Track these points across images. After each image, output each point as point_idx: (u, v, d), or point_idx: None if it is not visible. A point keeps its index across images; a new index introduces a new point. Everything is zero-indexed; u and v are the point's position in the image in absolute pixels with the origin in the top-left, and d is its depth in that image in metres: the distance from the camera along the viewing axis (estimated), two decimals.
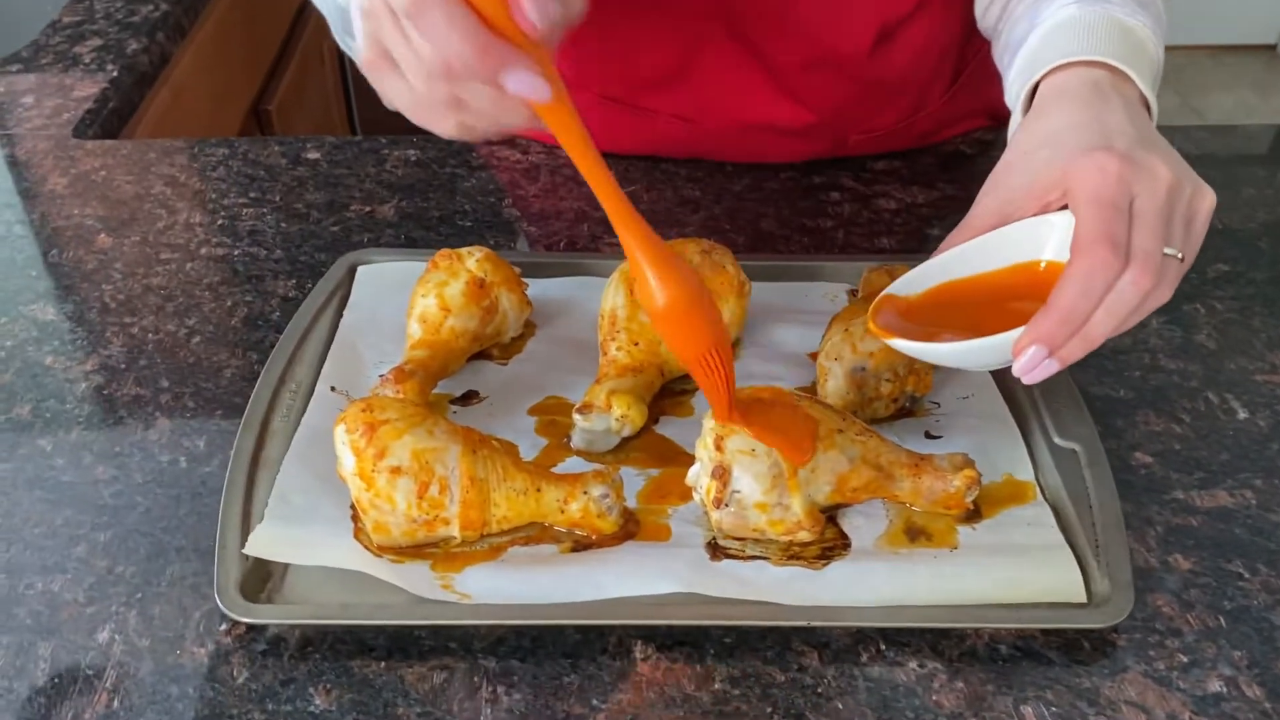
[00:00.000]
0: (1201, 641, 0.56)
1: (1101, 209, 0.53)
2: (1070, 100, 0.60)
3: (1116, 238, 0.53)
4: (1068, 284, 0.53)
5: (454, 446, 0.59)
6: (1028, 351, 0.54)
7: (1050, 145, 0.58)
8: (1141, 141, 0.56)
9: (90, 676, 0.54)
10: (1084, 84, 0.60)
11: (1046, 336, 0.53)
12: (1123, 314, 0.53)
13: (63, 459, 0.66)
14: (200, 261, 0.83)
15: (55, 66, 1.10)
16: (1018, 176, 0.59)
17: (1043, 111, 0.61)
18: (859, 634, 0.56)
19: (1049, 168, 0.57)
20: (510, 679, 0.54)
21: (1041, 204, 0.58)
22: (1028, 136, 0.60)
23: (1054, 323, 0.53)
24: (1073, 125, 0.58)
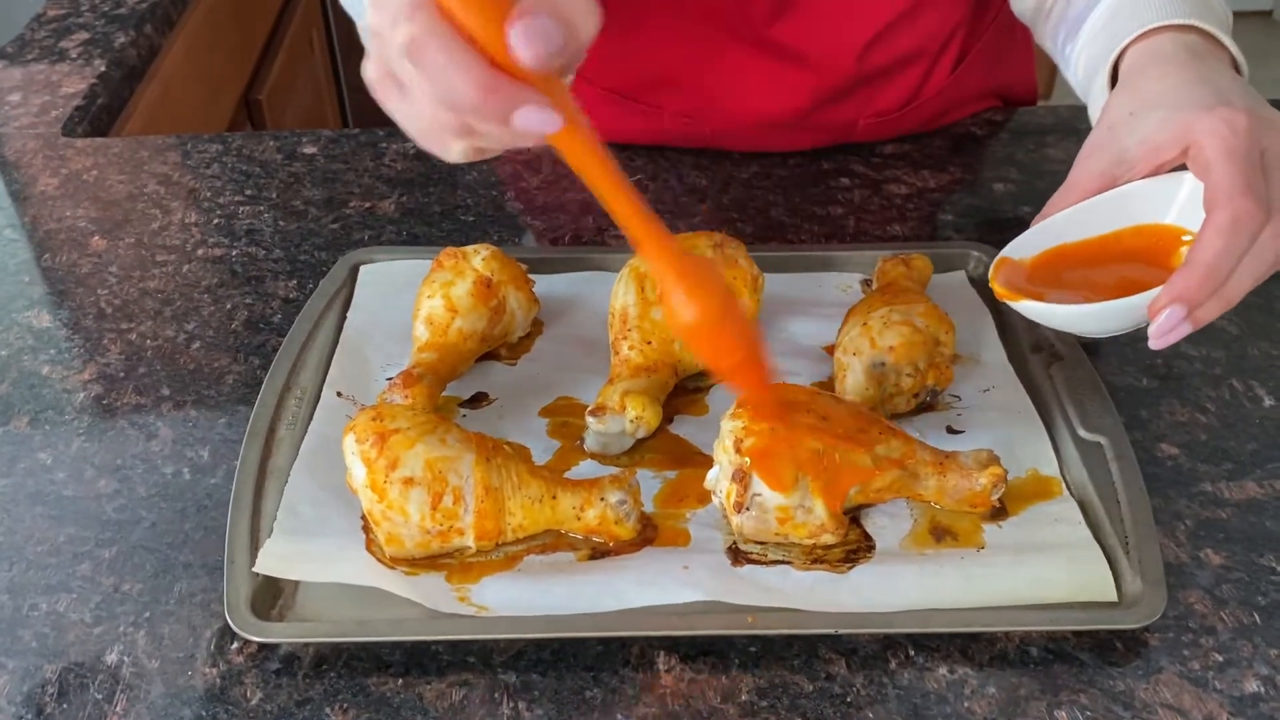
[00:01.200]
0: (1237, 640, 0.55)
1: (1238, 161, 0.51)
2: (1169, 63, 0.58)
3: (1258, 189, 0.51)
4: (1211, 237, 0.51)
5: (467, 455, 0.57)
6: (1165, 311, 0.52)
7: (1161, 106, 0.56)
8: (1256, 100, 0.55)
9: (100, 701, 0.53)
10: (1179, 48, 0.58)
11: (1189, 294, 0.51)
12: (1261, 271, 0.52)
13: (64, 473, 0.64)
14: (197, 263, 0.81)
15: (42, 62, 1.07)
16: (1127, 137, 0.57)
17: (1142, 75, 0.59)
18: (887, 639, 0.55)
19: (1164, 126, 0.55)
20: (531, 694, 0.53)
21: (1156, 164, 0.56)
22: (1130, 99, 0.58)
23: (1198, 279, 0.51)
24: (1181, 85, 0.56)
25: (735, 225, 0.84)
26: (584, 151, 0.46)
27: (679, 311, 0.52)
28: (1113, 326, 0.58)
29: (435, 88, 0.43)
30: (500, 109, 0.42)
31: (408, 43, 0.42)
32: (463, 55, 0.42)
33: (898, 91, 0.89)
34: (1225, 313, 0.53)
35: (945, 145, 0.93)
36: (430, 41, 0.42)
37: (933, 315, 0.66)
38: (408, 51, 0.42)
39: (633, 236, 0.50)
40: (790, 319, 0.74)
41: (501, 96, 0.42)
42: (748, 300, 0.68)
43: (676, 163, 0.91)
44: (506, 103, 0.42)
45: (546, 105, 0.43)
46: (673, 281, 0.51)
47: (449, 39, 0.42)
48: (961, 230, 0.83)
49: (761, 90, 0.86)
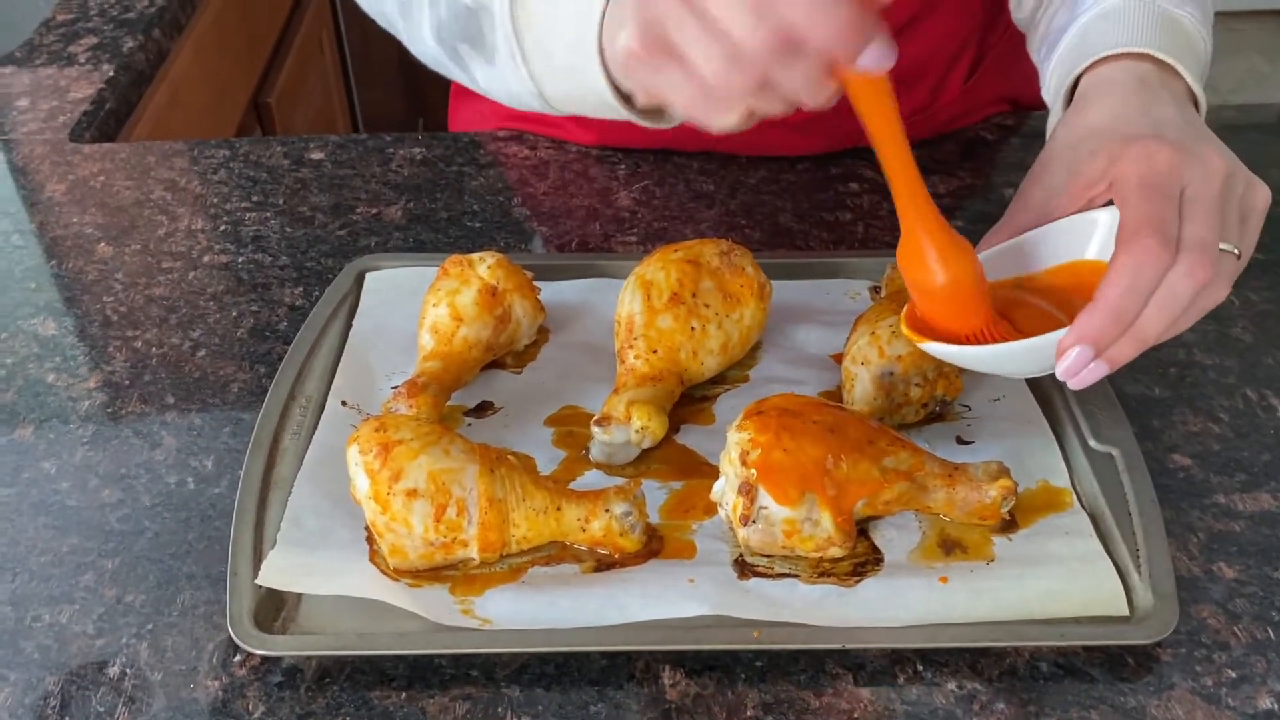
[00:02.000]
0: (1250, 655, 0.54)
1: (1149, 197, 0.50)
2: (1114, 93, 0.57)
3: (1166, 227, 0.50)
4: (1113, 277, 0.50)
5: (471, 466, 0.57)
6: (1072, 352, 0.51)
7: (1093, 138, 0.55)
8: (1192, 132, 0.53)
9: (102, 713, 0.53)
10: (1129, 77, 0.57)
11: (1094, 335, 0.50)
12: (1175, 310, 0.50)
13: (67, 482, 0.64)
14: (203, 270, 0.81)
15: (50, 66, 1.07)
16: (1058, 171, 0.56)
17: (1085, 104, 0.58)
18: (895, 654, 0.54)
19: (1092, 160, 0.54)
20: (535, 708, 0.52)
21: (1085, 199, 0.55)
22: (1069, 130, 0.57)
23: (1101, 320, 0.50)
24: (1118, 117, 0.55)
25: (743, 231, 0.83)
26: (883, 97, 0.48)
27: (930, 273, 0.54)
28: (1026, 368, 0.57)
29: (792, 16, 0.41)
30: (859, 41, 0.42)
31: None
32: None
33: (910, 100, 0.88)
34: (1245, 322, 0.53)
35: (956, 150, 0.92)
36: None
37: None
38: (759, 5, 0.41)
39: (898, 191, 0.53)
40: (798, 327, 0.73)
41: (861, 27, 0.42)
42: (754, 308, 0.68)
43: (684, 167, 0.90)
44: (862, 34, 0.42)
45: (887, 38, 0.43)
46: (927, 241, 0.54)
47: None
48: (972, 235, 0.82)
49: None
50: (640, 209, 0.86)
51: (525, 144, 0.94)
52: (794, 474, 0.56)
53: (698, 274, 0.67)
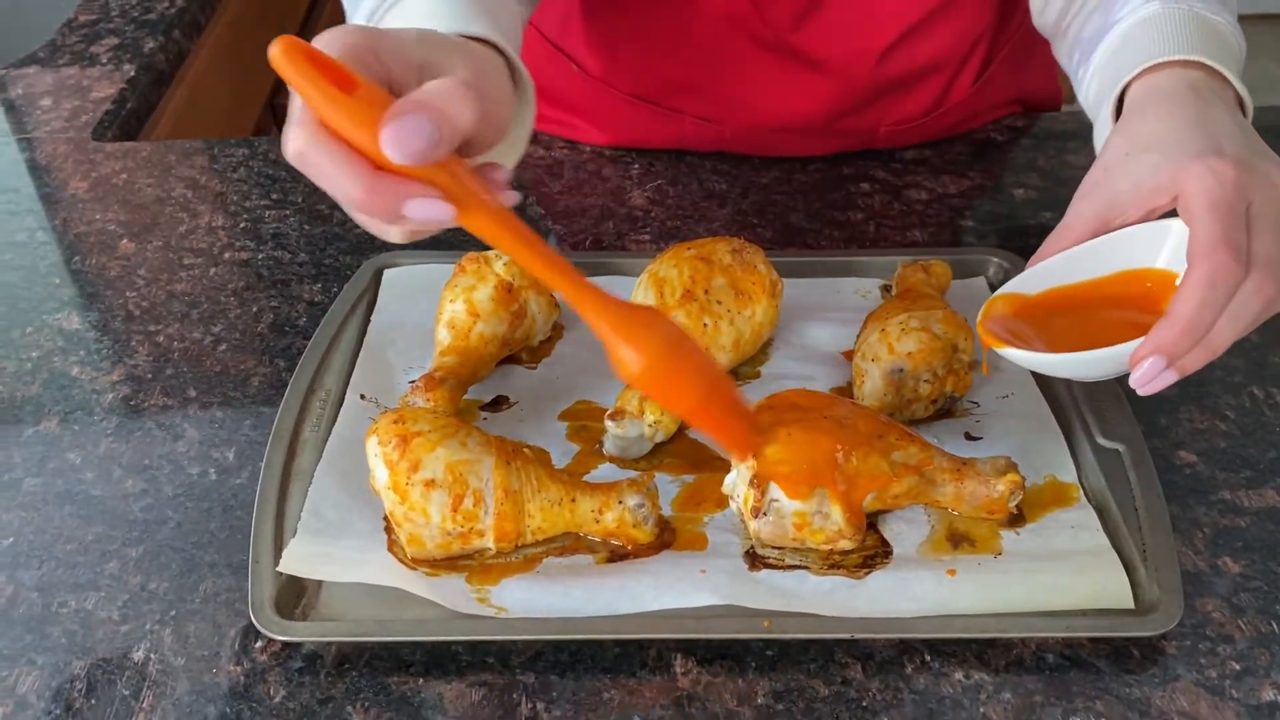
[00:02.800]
0: (1255, 648, 0.55)
1: (1220, 215, 0.52)
2: (1169, 102, 0.58)
3: (1238, 244, 0.51)
4: (1189, 292, 0.51)
5: (488, 458, 0.58)
6: (1146, 362, 0.53)
7: (1155, 149, 0.56)
8: (1251, 147, 0.55)
9: (127, 697, 0.54)
10: (1181, 85, 0.58)
11: (1168, 347, 0.52)
12: (1245, 323, 0.52)
13: (92, 472, 0.66)
14: (224, 266, 0.82)
15: (73, 66, 1.09)
16: (1120, 181, 0.57)
17: (1140, 114, 0.59)
18: (903, 645, 0.55)
19: (1156, 172, 0.55)
20: (549, 694, 0.54)
21: (1148, 210, 0.56)
22: (1126, 140, 0.58)
23: (1177, 332, 0.52)
24: (1177, 128, 0.56)
25: (755, 230, 0.84)
26: (492, 227, 0.47)
27: (624, 362, 0.50)
28: (1096, 374, 0.58)
29: (330, 191, 0.45)
30: (388, 206, 0.44)
31: (297, 155, 0.44)
32: (345, 161, 0.44)
33: (920, 100, 0.89)
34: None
35: (966, 151, 0.93)
36: (314, 152, 0.44)
37: (951, 321, 0.66)
38: (298, 162, 0.45)
39: (565, 297, 0.49)
40: (809, 324, 0.74)
41: (386, 194, 0.44)
42: (766, 305, 0.69)
43: (696, 167, 0.91)
44: (393, 199, 0.44)
45: (433, 195, 0.44)
46: (610, 334, 0.50)
47: (331, 147, 0.44)
48: (982, 236, 0.83)
49: (782, 95, 0.86)
50: (653, 208, 0.87)
51: (540, 144, 0.95)
52: (805, 468, 0.57)
53: (710, 271, 0.68)
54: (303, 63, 0.43)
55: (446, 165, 0.45)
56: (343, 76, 0.44)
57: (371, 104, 0.44)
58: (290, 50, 0.43)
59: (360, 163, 0.44)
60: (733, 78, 0.86)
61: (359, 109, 0.43)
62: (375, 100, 0.44)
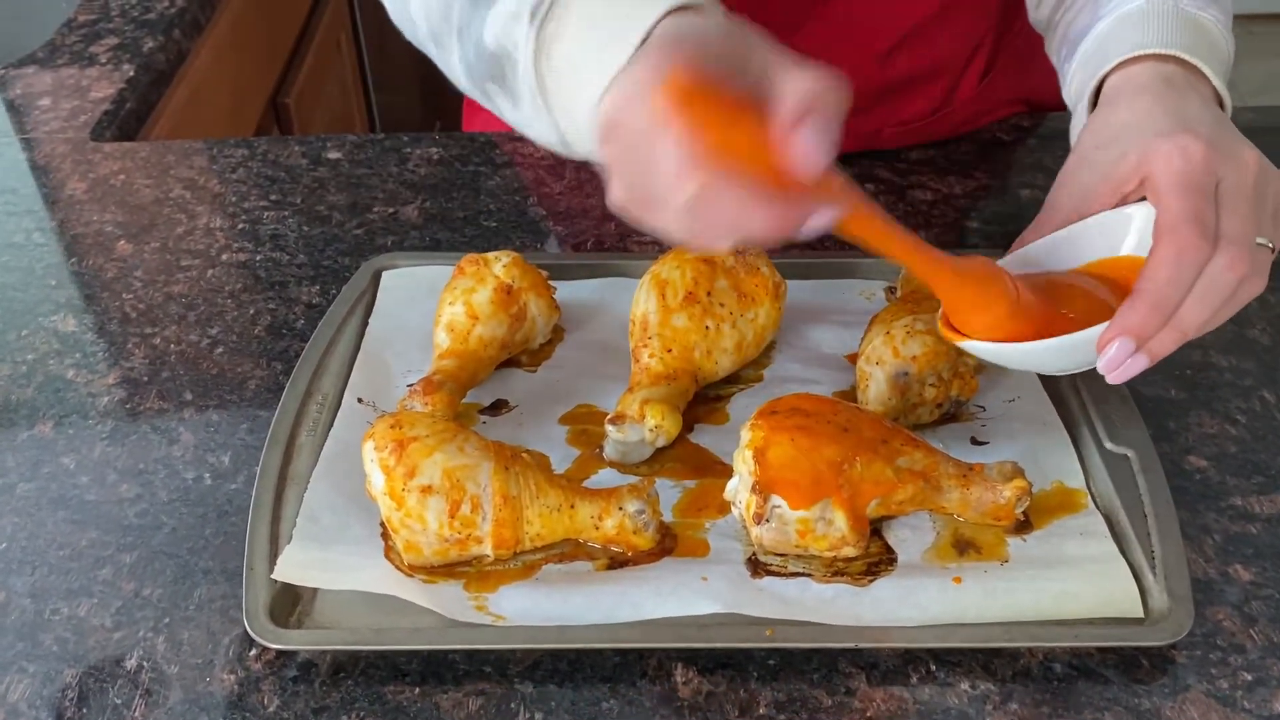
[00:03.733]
0: (1266, 658, 0.54)
1: (1186, 190, 0.51)
2: (1142, 93, 0.57)
3: (1205, 219, 0.50)
4: (1154, 269, 0.50)
5: (486, 463, 0.57)
6: (1113, 345, 0.51)
7: (1125, 136, 0.55)
8: (1222, 130, 0.54)
9: (119, 705, 0.53)
10: (1155, 77, 0.57)
11: (1136, 328, 0.51)
12: (1216, 302, 0.51)
13: (86, 477, 0.65)
14: (221, 268, 0.81)
15: (72, 66, 1.08)
16: (1091, 170, 0.57)
17: (1113, 104, 0.58)
18: (908, 654, 0.54)
19: (1124, 158, 0.55)
20: (548, 704, 0.53)
21: (1118, 196, 0.56)
22: (1098, 130, 0.58)
23: (1142, 312, 0.50)
24: (1147, 115, 0.55)
25: None
26: (865, 226, 0.48)
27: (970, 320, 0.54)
28: (1066, 363, 0.57)
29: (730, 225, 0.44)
30: (793, 229, 0.44)
31: (693, 200, 0.43)
32: (753, 199, 0.43)
33: (924, 101, 0.88)
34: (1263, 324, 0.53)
35: (971, 151, 0.92)
36: (720, 194, 0.43)
37: None
38: (698, 205, 0.43)
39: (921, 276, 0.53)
40: (813, 327, 0.73)
41: (792, 220, 0.44)
42: (769, 308, 0.68)
43: None
44: (797, 222, 0.44)
45: (828, 206, 0.45)
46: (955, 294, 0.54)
47: (736, 187, 0.43)
48: (988, 237, 0.83)
49: None
50: None
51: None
52: (808, 476, 0.56)
53: (713, 273, 0.67)
54: (699, 95, 0.42)
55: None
56: (726, 101, 0.43)
57: (758, 124, 0.43)
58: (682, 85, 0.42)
59: (767, 191, 0.43)
60: None
61: (761, 136, 0.43)
62: (758, 120, 0.43)
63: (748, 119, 0.43)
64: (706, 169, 0.43)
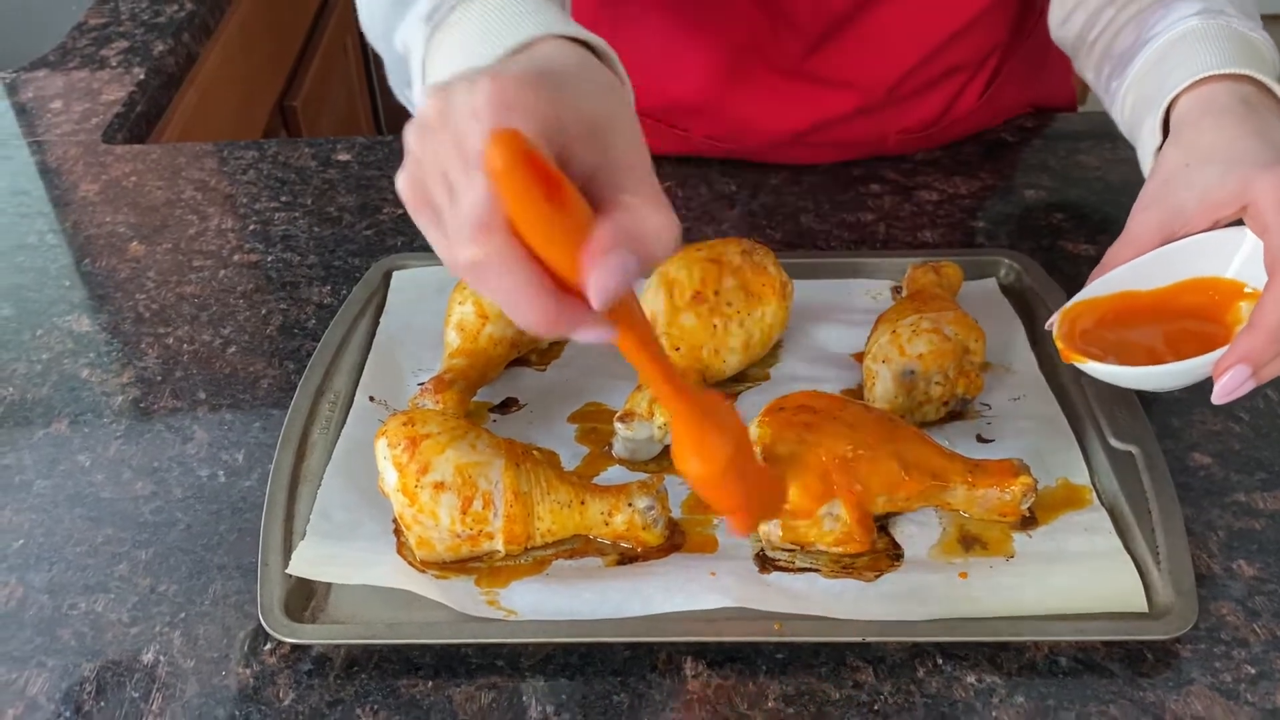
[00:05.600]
0: (1270, 652, 0.54)
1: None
2: (1224, 114, 0.58)
3: None
4: (1272, 302, 0.52)
5: (497, 460, 0.58)
6: (1231, 372, 0.53)
7: (1217, 160, 0.57)
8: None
9: (136, 699, 0.54)
10: (1233, 98, 0.59)
11: (1255, 356, 0.53)
12: None
13: (102, 474, 0.66)
14: (233, 269, 0.82)
15: (83, 70, 1.09)
16: (1183, 191, 0.58)
17: (1196, 126, 0.59)
18: (915, 648, 0.55)
19: (1222, 182, 0.56)
20: (559, 698, 0.53)
21: (1213, 219, 0.57)
22: (1184, 151, 0.59)
23: (1263, 340, 0.52)
24: (1238, 139, 0.57)
25: (765, 231, 0.84)
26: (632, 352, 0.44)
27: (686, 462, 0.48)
28: (1175, 385, 0.59)
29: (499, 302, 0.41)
30: (559, 331, 0.41)
31: (472, 265, 0.40)
32: (531, 289, 0.40)
33: (930, 109, 0.89)
34: None
35: (977, 151, 0.92)
36: (498, 269, 0.40)
37: (963, 323, 0.66)
38: (473, 271, 0.40)
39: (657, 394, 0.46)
40: (819, 326, 0.74)
41: (563, 324, 0.41)
42: (776, 307, 0.68)
43: (705, 169, 0.91)
44: (567, 328, 0.41)
45: (601, 326, 0.41)
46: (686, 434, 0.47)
47: (519, 266, 0.40)
48: (993, 237, 0.83)
49: (793, 114, 0.86)
50: None
51: None
52: (815, 470, 0.56)
53: (720, 273, 0.68)
54: (522, 168, 0.38)
55: None
56: (549, 178, 0.39)
57: (578, 222, 0.39)
58: (511, 151, 0.38)
59: (545, 287, 0.40)
60: (744, 101, 0.86)
61: (568, 227, 0.39)
62: (580, 215, 0.40)
63: (565, 211, 0.39)
64: (500, 237, 0.39)
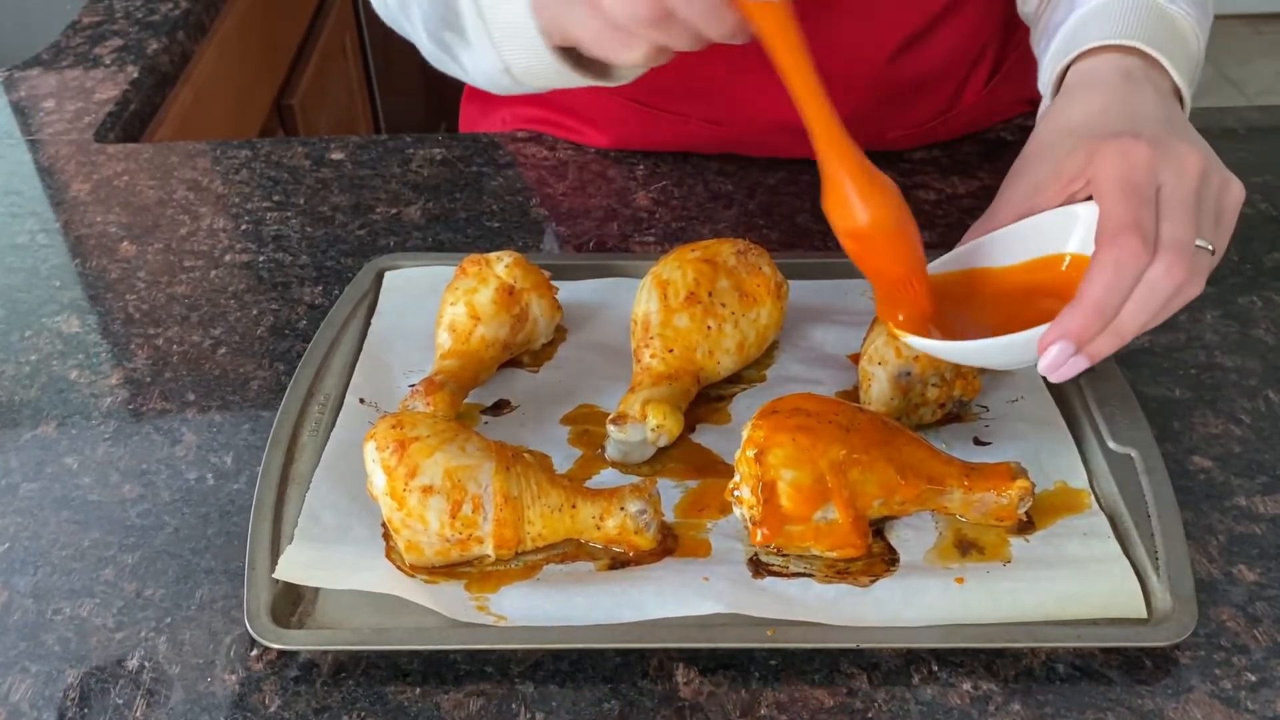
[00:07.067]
0: (1270, 659, 0.54)
1: (1127, 196, 0.51)
2: (1098, 86, 0.57)
3: (1144, 226, 0.50)
4: (1095, 275, 0.51)
5: (487, 463, 0.57)
6: (1054, 348, 0.52)
7: (1074, 133, 0.56)
8: (1170, 129, 0.54)
9: (120, 706, 0.53)
10: (1113, 70, 0.57)
11: (1075, 331, 0.51)
12: (1154, 307, 0.51)
13: (89, 477, 0.65)
14: (224, 269, 0.81)
15: (76, 68, 1.09)
16: (1041, 165, 0.57)
17: (1069, 98, 0.58)
18: (910, 654, 0.54)
19: (1073, 155, 0.55)
20: (549, 705, 0.53)
21: (1066, 194, 0.56)
22: (1051, 125, 0.58)
23: (1083, 316, 0.51)
24: (1098, 111, 0.56)
25: (761, 231, 0.83)
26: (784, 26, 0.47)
27: (852, 212, 0.51)
28: (1007, 361, 0.57)
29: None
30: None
31: None
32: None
33: (930, 105, 0.88)
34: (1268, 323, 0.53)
35: (975, 151, 0.92)
36: None
37: None
38: None
39: (811, 125, 0.50)
40: (815, 327, 0.73)
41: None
42: (771, 308, 0.68)
43: (702, 168, 0.90)
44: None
45: None
46: (847, 178, 0.51)
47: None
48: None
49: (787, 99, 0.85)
50: (658, 209, 0.86)
51: (544, 145, 0.94)
52: (809, 474, 0.56)
53: (714, 273, 0.67)
54: None
55: None
56: None
57: None
58: None
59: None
60: (737, 80, 0.85)
61: None
62: None
63: None
64: None
